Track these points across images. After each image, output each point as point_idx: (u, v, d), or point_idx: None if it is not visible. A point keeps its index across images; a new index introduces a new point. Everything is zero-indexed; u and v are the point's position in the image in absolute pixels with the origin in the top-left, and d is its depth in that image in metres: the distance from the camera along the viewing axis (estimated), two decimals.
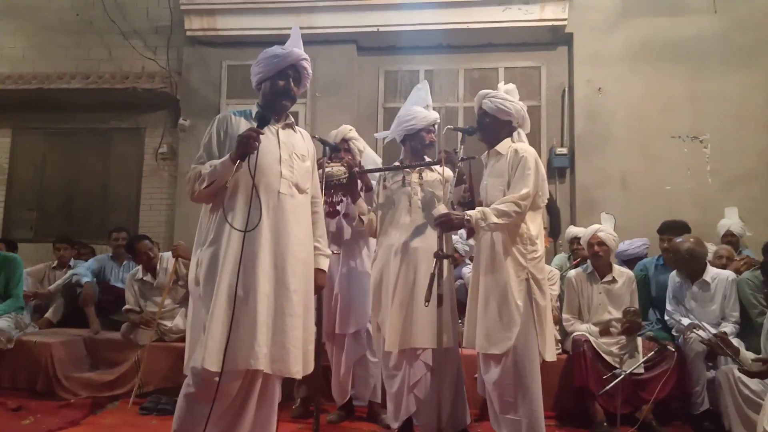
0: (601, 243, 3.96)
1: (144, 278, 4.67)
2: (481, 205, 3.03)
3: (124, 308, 4.64)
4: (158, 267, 4.69)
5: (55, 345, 4.45)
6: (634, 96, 6.44)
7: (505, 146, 3.03)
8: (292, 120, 2.69)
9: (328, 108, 6.84)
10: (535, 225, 2.95)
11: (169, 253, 4.74)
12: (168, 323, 4.50)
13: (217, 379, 2.26)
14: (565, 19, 6.55)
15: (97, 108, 7.35)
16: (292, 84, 2.61)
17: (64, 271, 5.37)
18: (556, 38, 6.78)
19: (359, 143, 3.92)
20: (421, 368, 3.25)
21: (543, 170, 2.99)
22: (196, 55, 7.27)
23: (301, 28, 7.08)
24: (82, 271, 5.17)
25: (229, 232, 2.39)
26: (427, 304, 2.85)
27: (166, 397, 4.03)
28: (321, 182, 3.18)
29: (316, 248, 2.68)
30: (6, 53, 7.62)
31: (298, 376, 2.44)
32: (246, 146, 2.35)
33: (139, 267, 4.73)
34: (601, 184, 6.34)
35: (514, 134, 3.08)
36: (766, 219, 5.17)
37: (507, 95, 3.07)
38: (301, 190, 2.57)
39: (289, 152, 2.56)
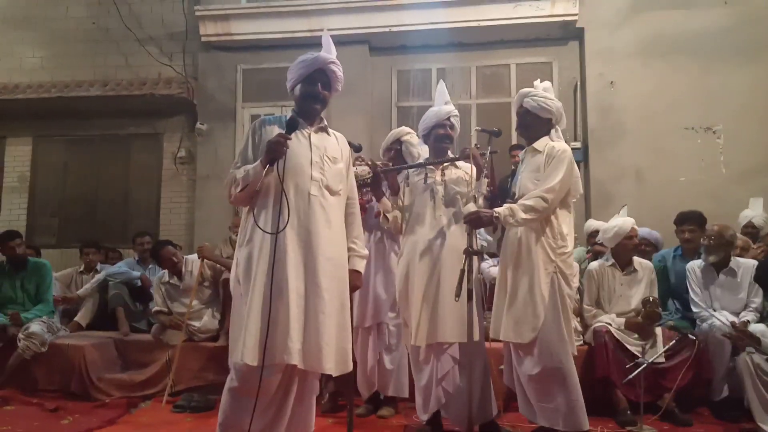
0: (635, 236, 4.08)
1: (170, 281, 4.78)
2: (511, 198, 3.10)
3: (153, 310, 4.77)
4: (183, 270, 4.79)
5: (87, 347, 4.57)
6: (646, 89, 6.49)
7: (542, 143, 3.10)
8: (325, 123, 2.75)
9: (342, 108, 6.89)
10: (565, 221, 3.02)
11: (194, 255, 4.87)
12: (196, 323, 4.61)
13: (258, 373, 2.36)
14: (575, 15, 6.63)
15: (116, 115, 7.52)
16: (319, 88, 2.67)
17: (91, 275, 5.50)
18: (567, 33, 6.85)
19: (414, 149, 3.88)
20: (449, 362, 3.32)
21: (576, 169, 3.06)
22: (211, 60, 7.40)
23: (312, 30, 7.22)
24: (124, 269, 5.31)
25: (262, 233, 2.49)
26: (457, 299, 2.93)
27: (197, 395, 4.16)
28: None
29: (351, 249, 2.74)
30: (25, 63, 7.79)
31: (332, 373, 2.52)
32: (274, 152, 2.45)
33: (165, 270, 4.85)
34: (616, 178, 6.40)
35: (552, 132, 3.15)
36: None
37: (547, 93, 3.13)
38: (332, 192, 2.63)
39: (321, 155, 2.63)
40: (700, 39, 6.44)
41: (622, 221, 4.04)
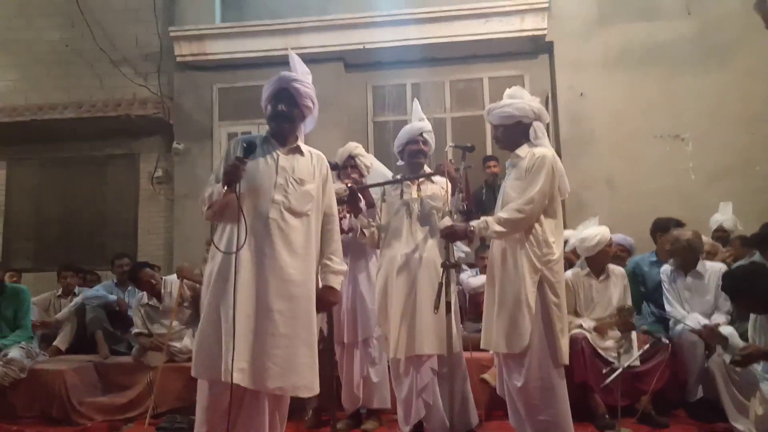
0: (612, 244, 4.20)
1: (150, 303, 4.76)
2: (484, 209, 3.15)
3: (133, 332, 4.75)
4: (163, 291, 4.78)
5: (67, 372, 4.52)
6: (615, 99, 6.65)
7: (524, 150, 3.07)
8: (299, 144, 2.77)
9: (318, 124, 6.89)
10: (550, 228, 2.97)
11: (173, 276, 4.86)
12: (177, 344, 4.59)
13: (206, 389, 2.52)
14: (544, 29, 6.78)
15: (91, 136, 7.48)
16: (284, 107, 2.68)
17: (69, 299, 5.45)
18: (537, 47, 7.01)
19: (366, 159, 4.02)
20: (428, 374, 3.39)
21: (558, 170, 3.01)
22: (186, 80, 7.42)
23: (288, 48, 7.29)
24: (101, 293, 5.28)
25: (219, 253, 2.58)
26: (436, 311, 2.98)
27: (180, 416, 4.13)
28: None
29: (325, 265, 2.76)
30: None
31: (280, 393, 2.55)
32: (230, 174, 2.51)
33: (144, 292, 4.83)
34: (588, 186, 6.53)
35: (531, 131, 3.09)
36: (747, 214, 5.33)
37: (508, 99, 3.13)
38: (296, 214, 2.63)
39: (286, 177, 2.65)
40: (666, 49, 6.63)
41: (600, 231, 4.11)
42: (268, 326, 2.50)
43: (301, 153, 2.76)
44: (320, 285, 2.74)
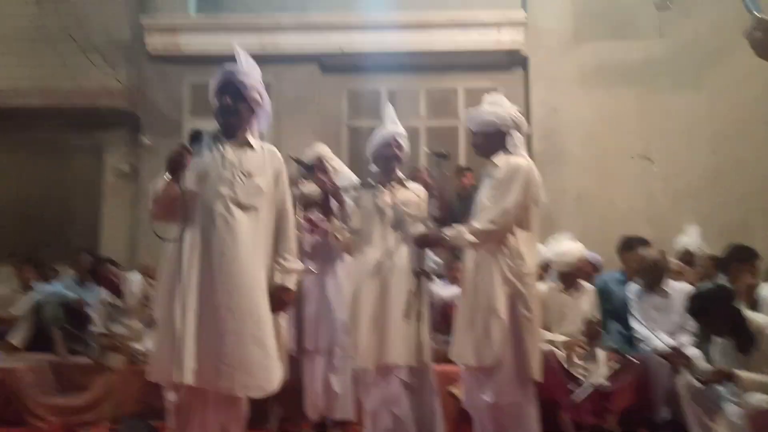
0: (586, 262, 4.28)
1: (111, 301, 4.63)
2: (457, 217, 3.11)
3: (92, 332, 4.60)
4: (124, 289, 4.66)
5: (21, 370, 4.36)
6: (588, 116, 6.77)
7: (501, 159, 3.04)
8: (248, 138, 2.69)
9: (292, 126, 6.89)
10: (523, 240, 2.94)
11: (135, 272, 4.74)
12: (138, 346, 4.47)
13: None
14: (520, 43, 6.84)
15: (54, 124, 7.21)
16: (227, 100, 2.64)
17: (26, 293, 5.26)
18: (513, 61, 7.08)
19: (334, 162, 4.01)
20: (397, 385, 3.34)
21: (534, 180, 2.98)
22: (157, 72, 7.24)
23: (264, 46, 7.22)
24: (59, 289, 5.12)
25: (170, 252, 2.55)
26: (407, 320, 2.94)
27: (139, 421, 4.02)
28: (296, 201, 3.30)
29: (278, 264, 2.67)
30: None
31: (234, 393, 2.49)
32: (173, 162, 2.46)
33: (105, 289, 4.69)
34: (557, 200, 6.58)
35: (508, 138, 3.06)
36: (714, 234, 5.44)
37: (488, 107, 3.11)
38: (244, 207, 2.57)
39: (233, 170, 2.59)
40: (639, 68, 6.76)
41: (578, 247, 4.17)
42: (215, 323, 2.45)
43: (251, 147, 2.69)
44: (273, 284, 2.66)
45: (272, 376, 2.53)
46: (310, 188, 3.66)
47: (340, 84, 7.29)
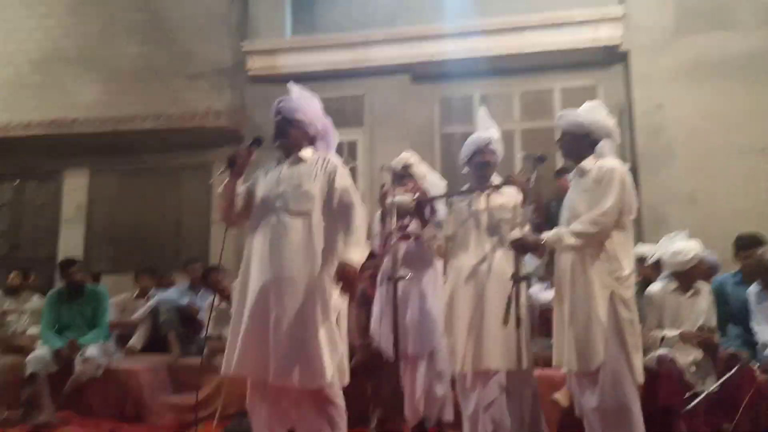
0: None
1: (220, 306, 4.88)
2: (566, 222, 3.04)
3: (204, 335, 4.86)
4: (232, 294, 4.88)
5: (141, 371, 4.70)
6: (694, 111, 6.35)
7: (590, 162, 3.02)
8: (301, 156, 3.01)
9: (385, 137, 7.01)
10: (620, 243, 2.90)
11: None
12: None
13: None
14: (619, 38, 6.58)
15: (166, 147, 7.79)
16: (277, 124, 3.08)
17: (145, 300, 5.65)
18: (611, 57, 6.80)
19: (421, 168, 4.04)
20: (495, 390, 3.28)
21: (629, 186, 2.94)
22: (258, 93, 7.57)
23: (356, 61, 7.40)
24: (174, 296, 5.46)
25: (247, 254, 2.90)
26: (505, 325, 2.90)
27: (247, 419, 4.18)
28: (389, 210, 3.36)
29: (342, 246, 2.85)
30: (81, 100, 8.09)
31: (294, 384, 2.71)
32: (235, 156, 2.95)
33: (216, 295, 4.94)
34: (668, 200, 6.25)
35: (598, 147, 3.04)
36: None
37: (583, 110, 3.09)
38: (295, 214, 2.85)
39: (286, 184, 2.91)
40: (744, 60, 6.29)
41: (695, 246, 3.96)
42: (265, 322, 2.72)
43: (304, 161, 2.98)
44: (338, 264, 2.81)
45: (315, 373, 2.70)
46: (402, 197, 3.69)
47: (431, 92, 7.30)
